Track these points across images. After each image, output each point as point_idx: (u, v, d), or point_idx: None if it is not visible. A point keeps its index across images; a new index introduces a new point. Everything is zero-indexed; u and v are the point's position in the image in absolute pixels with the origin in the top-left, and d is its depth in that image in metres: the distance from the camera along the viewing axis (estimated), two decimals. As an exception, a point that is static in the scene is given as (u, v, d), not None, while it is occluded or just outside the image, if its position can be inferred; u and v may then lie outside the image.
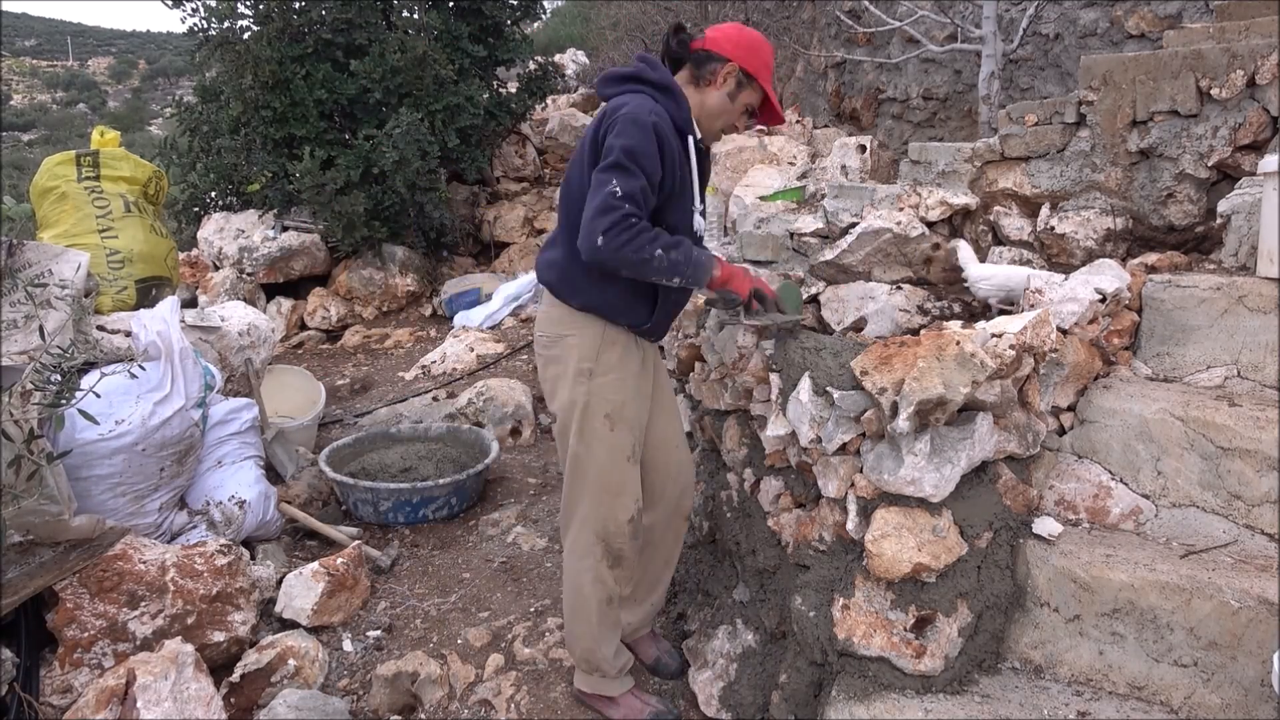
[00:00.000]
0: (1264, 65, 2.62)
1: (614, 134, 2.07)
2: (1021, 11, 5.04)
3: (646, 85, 2.19)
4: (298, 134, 6.48)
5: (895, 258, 3.17)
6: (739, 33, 2.26)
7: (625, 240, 2.00)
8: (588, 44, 11.58)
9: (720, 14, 8.38)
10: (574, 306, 2.25)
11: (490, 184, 8.04)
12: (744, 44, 2.24)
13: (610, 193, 2.01)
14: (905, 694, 1.90)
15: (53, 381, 2.30)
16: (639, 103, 2.11)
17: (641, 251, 2.01)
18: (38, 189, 3.66)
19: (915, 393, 1.84)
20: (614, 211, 2.00)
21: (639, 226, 2.02)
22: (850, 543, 2.04)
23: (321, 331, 6.59)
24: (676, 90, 2.21)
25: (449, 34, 6.93)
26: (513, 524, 3.58)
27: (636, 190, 2.02)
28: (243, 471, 3.26)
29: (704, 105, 2.25)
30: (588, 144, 2.16)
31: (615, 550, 2.35)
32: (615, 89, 2.22)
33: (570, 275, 2.23)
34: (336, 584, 2.91)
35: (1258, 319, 2.25)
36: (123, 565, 2.53)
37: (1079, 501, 2.13)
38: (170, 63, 58.46)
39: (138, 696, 2.20)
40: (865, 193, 3.50)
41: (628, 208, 2.00)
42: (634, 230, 2.00)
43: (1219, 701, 1.79)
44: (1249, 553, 1.94)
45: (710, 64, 2.23)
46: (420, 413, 4.66)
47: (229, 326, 3.69)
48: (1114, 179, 2.99)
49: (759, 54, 2.24)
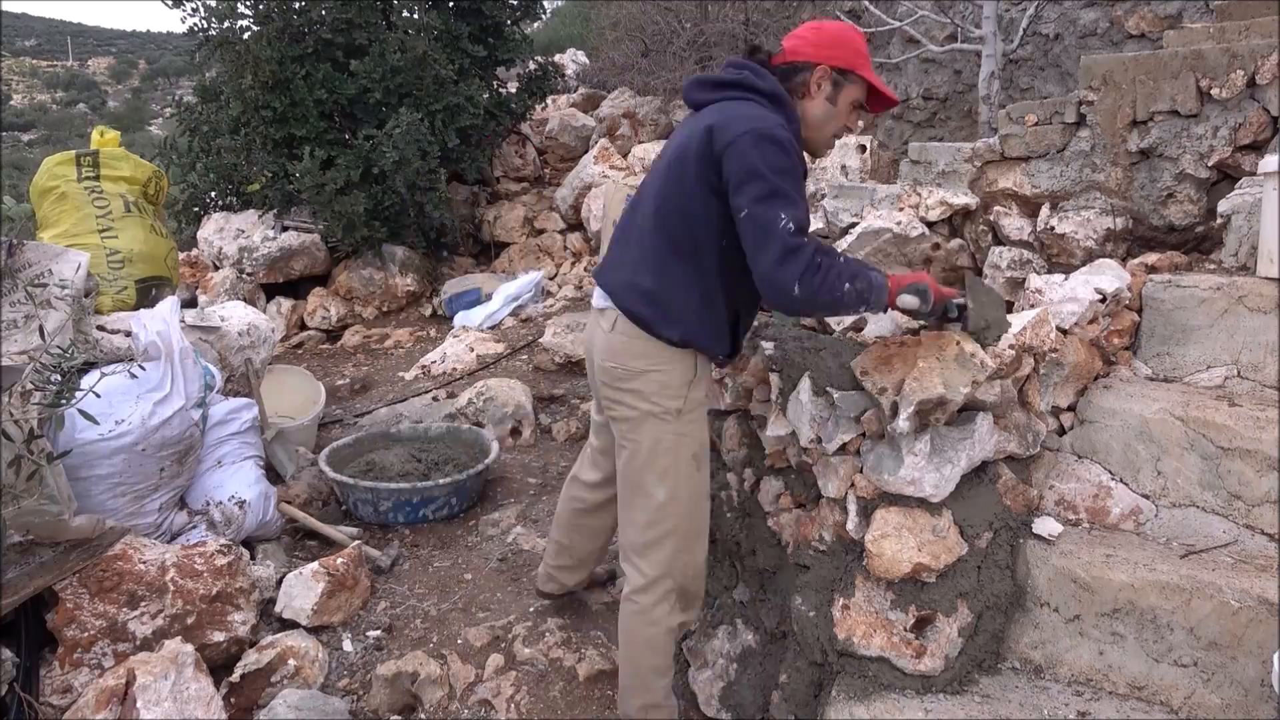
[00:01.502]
0: (1264, 65, 2.62)
1: (748, 152, 1.86)
2: (1021, 11, 5.04)
3: (756, 94, 2.00)
4: (298, 134, 6.47)
5: (895, 258, 3.17)
6: (816, 32, 2.09)
7: (820, 283, 1.82)
8: (588, 44, 11.57)
9: (720, 14, 8.38)
10: (665, 339, 2.05)
11: (490, 184, 8.04)
12: (826, 41, 2.06)
13: (786, 230, 1.82)
14: (905, 694, 1.90)
15: (53, 381, 2.30)
16: (760, 114, 1.93)
17: (835, 291, 1.84)
18: (38, 189, 3.66)
19: (915, 393, 1.84)
20: (801, 253, 1.81)
21: (826, 263, 1.83)
22: (850, 543, 2.04)
23: (321, 331, 6.59)
24: (789, 102, 2.03)
25: (449, 34, 6.93)
26: (513, 524, 3.58)
27: (804, 217, 1.85)
28: (243, 471, 3.26)
29: (805, 120, 2.07)
30: (693, 157, 1.94)
31: (691, 594, 2.22)
32: (713, 94, 2.04)
33: (669, 307, 2.02)
34: (336, 584, 2.91)
35: (1258, 319, 2.25)
36: (123, 565, 2.53)
37: (1079, 501, 2.13)
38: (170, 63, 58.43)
39: (138, 696, 2.20)
40: (865, 193, 3.50)
41: (806, 241, 1.83)
42: (823, 269, 1.82)
43: (1219, 701, 1.79)
44: (1249, 553, 1.94)
45: (798, 75, 2.05)
46: (420, 413, 4.67)
47: (229, 326, 3.69)
48: (1114, 179, 2.99)
49: (846, 45, 2.06)
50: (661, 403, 2.07)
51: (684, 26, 8.54)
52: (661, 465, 2.10)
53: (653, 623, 2.18)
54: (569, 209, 7.36)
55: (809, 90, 2.06)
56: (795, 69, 2.05)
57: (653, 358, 2.06)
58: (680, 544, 2.14)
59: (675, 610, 2.18)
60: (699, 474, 2.14)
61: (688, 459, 2.11)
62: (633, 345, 2.08)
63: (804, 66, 2.04)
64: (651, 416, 2.08)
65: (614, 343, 2.10)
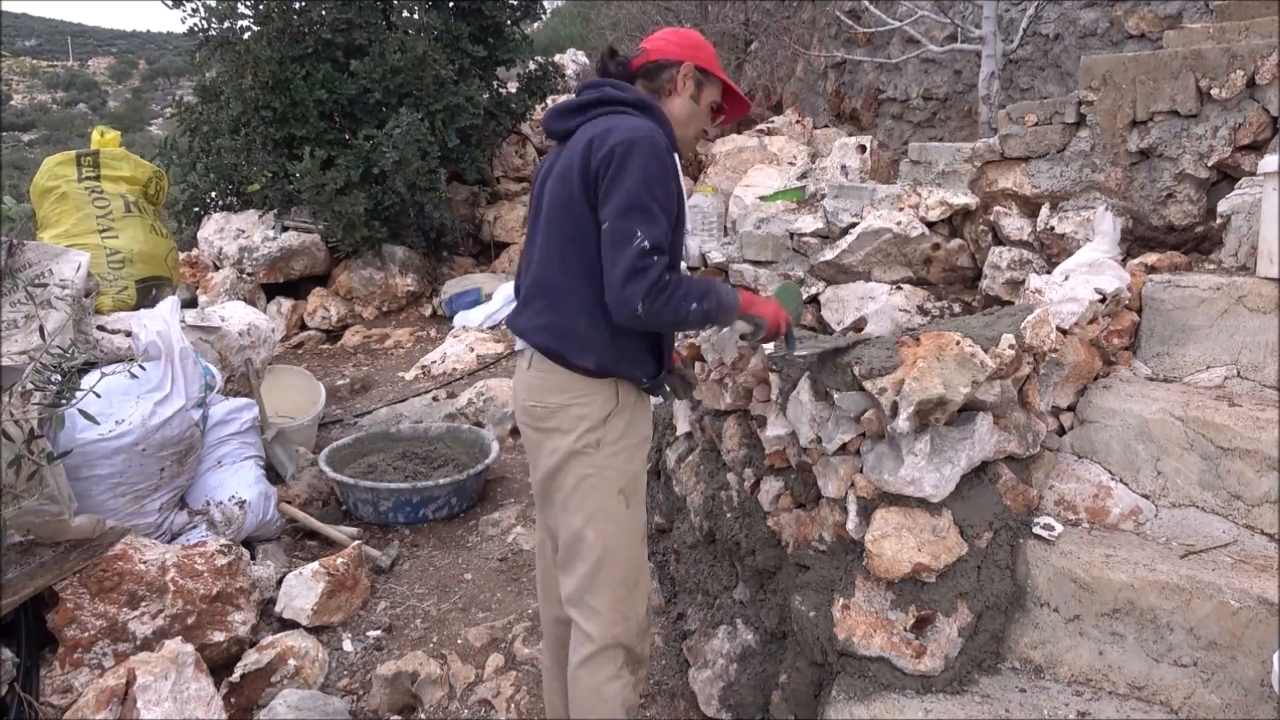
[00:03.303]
0: (1264, 65, 2.62)
1: (619, 166, 1.83)
2: (1021, 11, 5.04)
3: (621, 106, 1.97)
4: (298, 134, 6.48)
5: (895, 258, 3.17)
6: (677, 34, 2.12)
7: (664, 302, 1.80)
8: (588, 44, 11.59)
9: (721, 14, 8.39)
10: (579, 369, 1.96)
11: (490, 184, 8.05)
12: (689, 43, 2.09)
13: (639, 249, 1.79)
14: (905, 694, 1.90)
15: (53, 381, 2.30)
16: (632, 124, 1.88)
17: (680, 311, 1.83)
18: (38, 189, 3.66)
19: (915, 393, 1.84)
20: (649, 272, 1.79)
21: (673, 283, 1.82)
22: (850, 543, 2.04)
23: (321, 331, 6.59)
24: (655, 106, 2.00)
25: (449, 34, 6.93)
26: (513, 524, 3.58)
27: (661, 236, 1.82)
28: (243, 471, 3.26)
29: (672, 117, 2.04)
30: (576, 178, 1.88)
31: (637, 654, 2.05)
32: (577, 120, 1.98)
33: (575, 335, 1.94)
34: (336, 584, 2.91)
35: (1258, 319, 2.25)
36: (123, 565, 2.53)
37: (1079, 501, 2.13)
38: (170, 63, 58.47)
39: (138, 696, 2.20)
40: (865, 193, 3.51)
41: (657, 260, 1.80)
42: (669, 290, 1.81)
43: (1219, 701, 1.79)
44: (1249, 553, 1.94)
45: (664, 72, 2.05)
46: (420, 413, 4.67)
47: (229, 326, 3.69)
48: (1114, 179, 2.99)
49: (704, 48, 2.11)
50: (583, 437, 1.97)
51: (683, 26, 8.55)
52: (588, 505, 1.98)
53: (596, 689, 2.02)
54: (569, 209, 7.35)
55: (675, 88, 2.06)
56: (660, 66, 2.05)
57: (570, 390, 1.97)
58: (616, 595, 2.00)
59: (623, 673, 2.03)
60: (628, 511, 2.00)
61: (615, 495, 1.99)
62: (549, 380, 1.99)
63: (669, 64, 2.05)
64: (574, 454, 1.98)
65: (531, 381, 2.02)
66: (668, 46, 2.07)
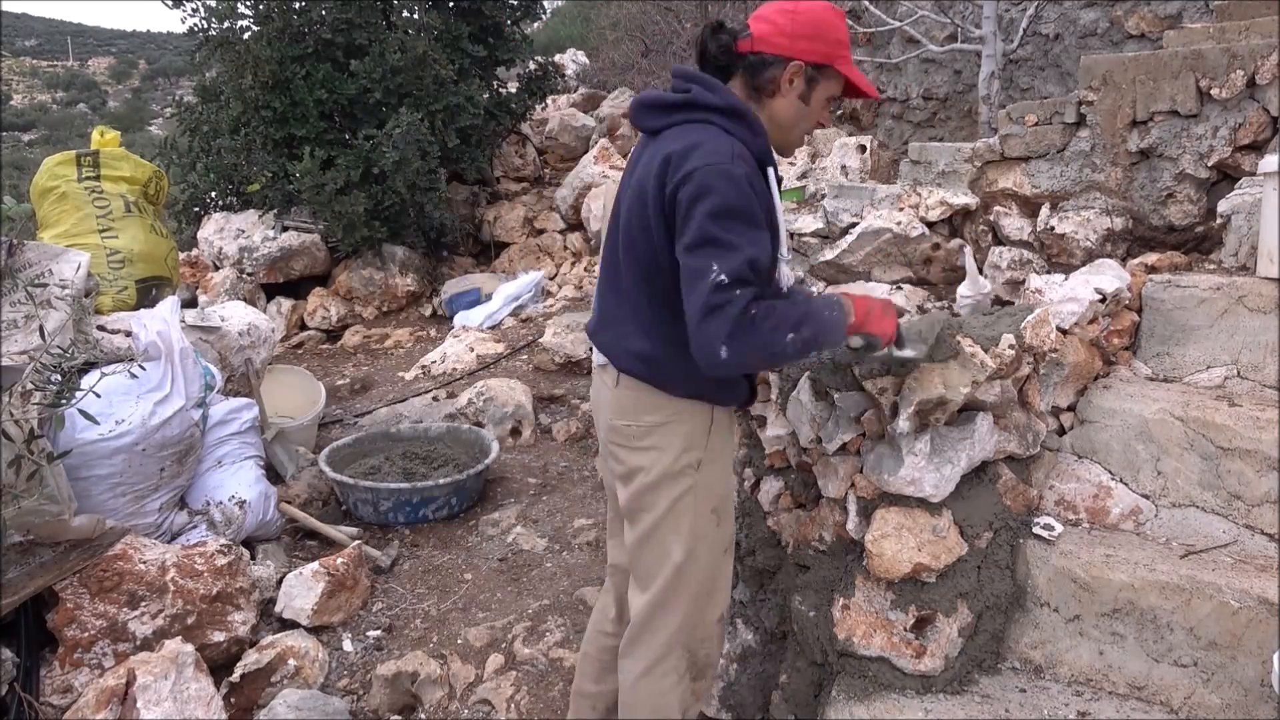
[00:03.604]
0: (1264, 65, 2.62)
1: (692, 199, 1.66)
2: (1021, 11, 5.04)
3: (711, 113, 1.75)
4: (298, 134, 6.48)
5: (895, 258, 3.17)
6: (790, 18, 1.77)
7: (750, 341, 1.62)
8: (588, 44, 11.58)
9: (720, 14, 8.38)
10: (673, 394, 1.85)
11: (490, 184, 8.04)
12: (802, 31, 1.76)
13: (715, 284, 1.61)
14: (905, 694, 1.90)
15: (53, 381, 2.30)
16: (715, 144, 1.69)
17: (771, 346, 1.64)
18: (38, 189, 3.66)
19: (915, 393, 1.84)
20: (728, 307, 1.60)
21: (759, 315, 1.62)
22: (850, 543, 2.04)
23: (321, 331, 6.59)
24: (748, 114, 1.78)
25: (449, 34, 6.93)
26: (513, 524, 3.58)
27: (742, 266, 1.63)
28: (243, 471, 3.26)
29: (773, 119, 1.82)
30: (651, 198, 1.73)
31: (702, 660, 1.99)
32: (665, 119, 1.80)
33: (669, 367, 1.83)
34: (336, 584, 2.91)
35: (1258, 319, 2.25)
36: (123, 565, 2.53)
37: (1079, 501, 2.13)
38: (170, 63, 58.44)
39: (138, 696, 2.20)
40: (865, 193, 3.50)
41: (738, 294, 1.61)
42: (755, 325, 1.61)
43: (1219, 701, 1.79)
44: (1249, 553, 1.94)
45: (766, 71, 1.78)
46: (420, 413, 4.67)
47: (229, 326, 3.69)
48: (1114, 179, 2.99)
49: (823, 35, 1.78)
50: (680, 455, 1.86)
51: (684, 26, 8.54)
52: (683, 526, 1.88)
53: (659, 695, 1.95)
54: (569, 209, 7.36)
55: (779, 88, 1.80)
56: (764, 62, 1.78)
57: (665, 409, 1.86)
58: (691, 604, 1.93)
59: (684, 681, 1.96)
60: (718, 529, 1.93)
61: (708, 513, 1.90)
62: (642, 400, 1.87)
63: (774, 61, 1.77)
64: (671, 474, 1.87)
65: (623, 399, 1.89)
66: (775, 36, 1.77)
